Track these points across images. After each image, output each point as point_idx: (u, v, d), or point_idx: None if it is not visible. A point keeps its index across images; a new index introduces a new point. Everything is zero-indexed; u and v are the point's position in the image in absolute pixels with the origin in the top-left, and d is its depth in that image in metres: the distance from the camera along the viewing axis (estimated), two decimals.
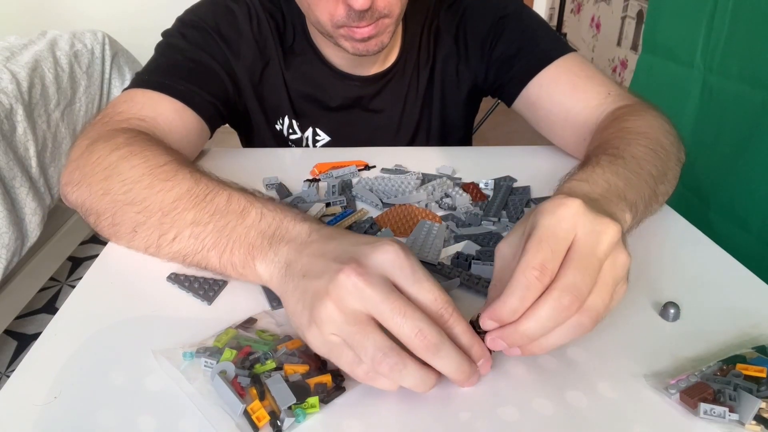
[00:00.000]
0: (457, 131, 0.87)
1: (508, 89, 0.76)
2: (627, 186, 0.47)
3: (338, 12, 0.62)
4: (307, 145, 0.82)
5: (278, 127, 0.81)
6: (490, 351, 0.37)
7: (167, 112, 0.64)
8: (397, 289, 0.34)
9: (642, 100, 0.67)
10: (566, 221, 0.35)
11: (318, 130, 0.81)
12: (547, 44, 0.74)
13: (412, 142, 0.84)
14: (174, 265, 0.48)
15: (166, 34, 0.73)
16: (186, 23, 0.72)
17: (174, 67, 0.68)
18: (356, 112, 0.81)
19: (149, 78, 0.67)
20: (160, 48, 0.72)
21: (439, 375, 0.35)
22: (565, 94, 0.70)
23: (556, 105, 0.71)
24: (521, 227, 0.38)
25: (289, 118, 0.79)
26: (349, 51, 0.66)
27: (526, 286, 0.33)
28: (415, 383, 0.34)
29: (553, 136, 0.75)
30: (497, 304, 0.34)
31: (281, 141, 0.82)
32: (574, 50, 0.74)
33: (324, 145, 0.82)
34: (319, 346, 0.35)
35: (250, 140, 0.85)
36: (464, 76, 0.81)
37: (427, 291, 0.35)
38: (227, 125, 0.82)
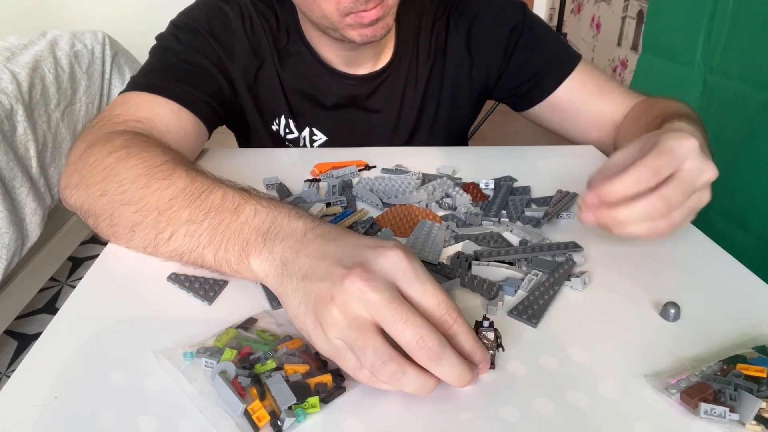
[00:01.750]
0: (457, 131, 0.88)
1: (530, 96, 0.81)
2: (704, 142, 0.55)
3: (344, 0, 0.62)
4: (304, 145, 0.82)
5: (274, 127, 0.80)
6: (493, 352, 0.38)
7: (164, 114, 0.64)
8: (401, 294, 0.34)
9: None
10: (684, 149, 0.44)
11: (315, 130, 0.81)
12: (563, 52, 0.80)
13: (410, 140, 0.84)
14: (174, 265, 0.48)
15: (159, 37, 0.73)
16: (179, 26, 0.72)
17: (169, 69, 0.68)
18: (353, 111, 0.81)
19: (144, 80, 0.67)
20: (154, 51, 0.72)
21: (439, 378, 0.35)
22: (595, 97, 0.78)
23: (586, 107, 0.79)
24: (638, 145, 0.47)
25: (285, 117, 0.79)
26: (357, 40, 0.66)
27: (637, 179, 0.43)
28: (415, 389, 0.34)
29: (575, 133, 0.82)
30: (606, 186, 0.43)
31: (278, 142, 0.82)
32: (580, 54, 0.81)
33: (321, 145, 0.82)
34: (324, 349, 0.35)
35: (247, 142, 0.85)
36: (478, 80, 0.82)
37: (431, 295, 0.35)
38: (226, 126, 0.82)
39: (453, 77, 0.81)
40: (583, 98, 0.79)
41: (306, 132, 0.81)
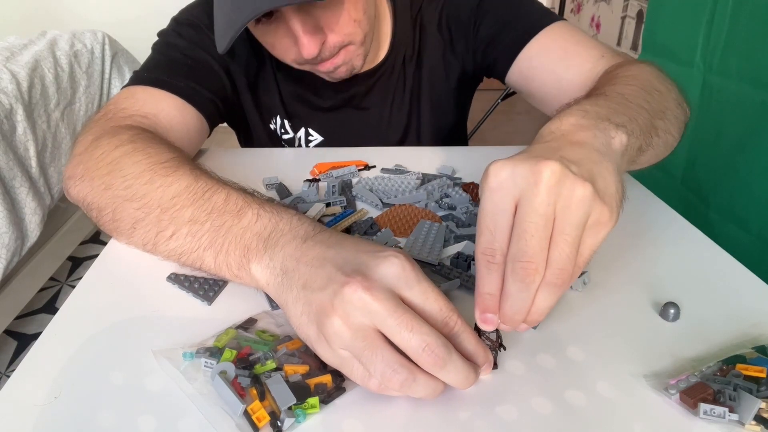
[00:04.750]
0: (449, 124, 0.86)
1: (499, 66, 0.75)
2: (611, 112, 0.43)
3: (297, 55, 0.63)
4: (299, 145, 0.82)
5: (272, 126, 0.81)
6: (495, 351, 0.38)
7: (169, 109, 0.64)
8: (402, 301, 0.34)
9: (638, 59, 0.64)
10: (496, 193, 0.34)
11: (310, 130, 0.81)
12: (532, 15, 0.72)
13: (403, 137, 0.84)
14: (174, 264, 0.47)
15: (162, 33, 0.73)
16: (181, 22, 0.72)
17: (173, 65, 0.69)
18: (348, 111, 0.81)
19: (149, 75, 0.67)
20: (157, 46, 0.72)
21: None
22: (557, 62, 0.68)
23: (548, 74, 0.69)
24: None
25: (281, 117, 0.80)
26: (326, 78, 0.68)
27: (485, 272, 0.34)
28: (425, 394, 0.34)
29: (549, 108, 0.71)
30: (476, 299, 0.35)
31: (276, 141, 0.82)
32: (563, 19, 0.72)
33: (317, 145, 0.82)
34: (330, 360, 0.35)
35: (248, 140, 0.85)
36: (452, 65, 0.80)
37: (433, 301, 0.35)
38: (226, 125, 0.82)
39: (430, 67, 0.80)
40: (543, 63, 0.69)
41: (301, 132, 0.81)
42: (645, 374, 0.38)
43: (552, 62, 0.68)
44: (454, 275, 0.47)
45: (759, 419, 0.33)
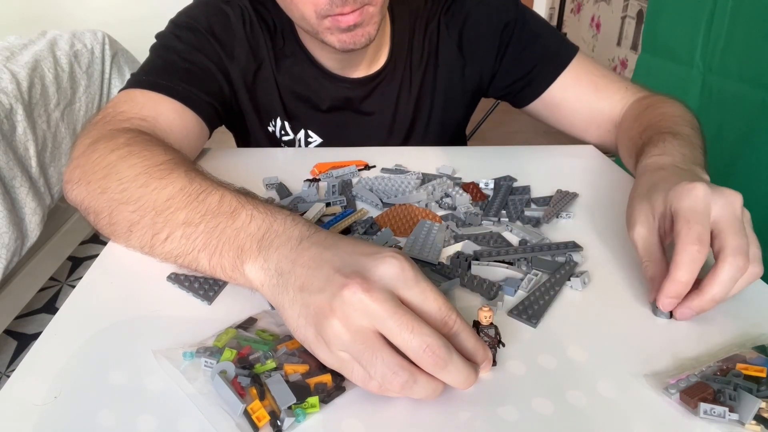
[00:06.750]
0: (452, 132, 0.88)
1: (525, 93, 0.80)
2: (693, 154, 0.56)
3: (321, 1, 0.61)
4: (299, 147, 0.82)
5: (271, 128, 0.81)
6: (494, 348, 0.38)
7: (168, 113, 0.64)
8: (402, 302, 0.34)
9: (655, 91, 0.75)
10: (702, 200, 0.43)
11: (310, 132, 0.81)
12: (557, 47, 0.79)
13: (404, 143, 0.84)
14: (173, 264, 0.48)
15: (159, 36, 0.73)
16: (179, 25, 0.72)
17: (171, 68, 0.68)
18: (348, 114, 0.81)
19: (147, 78, 0.67)
20: (155, 49, 0.72)
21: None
22: (590, 94, 0.77)
23: (582, 104, 0.77)
24: (645, 209, 0.47)
25: (281, 119, 0.79)
26: (336, 46, 0.65)
27: (691, 260, 0.41)
28: (425, 395, 0.34)
29: (574, 131, 0.81)
30: (671, 284, 0.41)
31: (274, 143, 0.82)
32: (577, 47, 0.80)
33: (316, 147, 0.82)
34: (329, 362, 0.35)
35: (245, 142, 0.85)
36: (470, 81, 0.82)
37: (432, 301, 0.35)
38: (225, 126, 0.82)
39: (445, 80, 0.81)
40: (576, 95, 0.77)
41: (301, 134, 0.81)
42: (645, 374, 0.38)
43: (585, 94, 0.77)
44: (454, 275, 0.47)
45: (759, 419, 0.33)
